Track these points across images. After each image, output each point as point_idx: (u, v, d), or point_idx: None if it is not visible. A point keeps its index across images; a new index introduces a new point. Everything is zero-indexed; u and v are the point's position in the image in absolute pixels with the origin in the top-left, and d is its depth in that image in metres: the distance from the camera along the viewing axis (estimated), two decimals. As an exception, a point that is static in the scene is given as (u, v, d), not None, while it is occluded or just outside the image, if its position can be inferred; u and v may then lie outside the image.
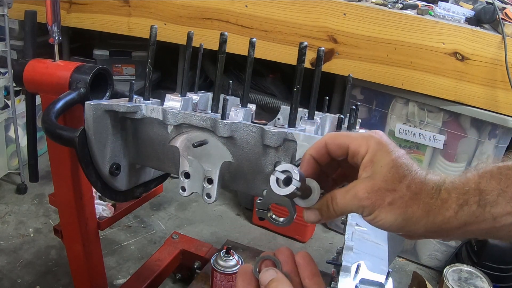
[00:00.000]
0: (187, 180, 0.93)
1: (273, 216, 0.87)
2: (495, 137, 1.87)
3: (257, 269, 0.60)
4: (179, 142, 0.93)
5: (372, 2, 1.91)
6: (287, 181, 0.53)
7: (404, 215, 0.52)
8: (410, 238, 0.59)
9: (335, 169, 0.63)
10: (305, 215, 0.60)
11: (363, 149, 0.55)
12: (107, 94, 1.14)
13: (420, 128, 1.99)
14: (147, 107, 0.94)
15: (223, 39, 0.92)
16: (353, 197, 0.54)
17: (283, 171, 0.53)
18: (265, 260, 0.61)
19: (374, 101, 2.09)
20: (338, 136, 0.58)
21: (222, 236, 2.20)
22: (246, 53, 0.91)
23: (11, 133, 2.32)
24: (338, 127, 0.83)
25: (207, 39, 1.54)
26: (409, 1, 1.93)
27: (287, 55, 2.01)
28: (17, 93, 2.28)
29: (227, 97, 0.88)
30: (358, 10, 1.86)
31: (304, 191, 0.57)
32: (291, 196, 0.54)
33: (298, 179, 0.52)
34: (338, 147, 0.57)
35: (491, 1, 1.85)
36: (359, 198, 0.53)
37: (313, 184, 0.58)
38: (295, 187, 0.52)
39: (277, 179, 0.53)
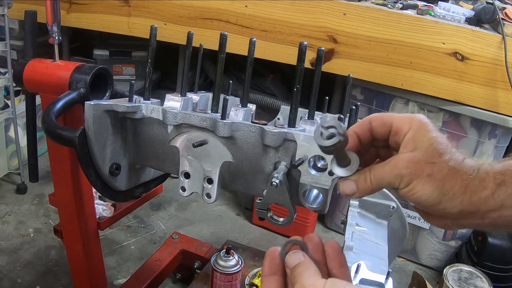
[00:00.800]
0: (187, 180, 0.93)
1: (273, 216, 0.87)
2: (495, 137, 1.87)
3: (285, 251, 0.58)
4: (179, 142, 0.93)
5: (372, 2, 1.91)
6: (331, 137, 0.52)
7: (442, 188, 0.52)
8: (444, 225, 0.58)
9: (368, 152, 0.63)
10: (341, 186, 0.59)
11: (406, 127, 0.56)
12: (107, 94, 1.14)
13: (420, 128, 1.98)
14: (147, 107, 0.94)
15: (223, 39, 0.92)
16: (392, 167, 0.55)
17: (328, 127, 0.53)
18: (293, 244, 0.58)
19: (374, 101, 2.09)
20: (382, 114, 0.59)
21: (222, 236, 2.20)
22: (246, 53, 0.91)
23: (11, 133, 2.32)
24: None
25: (207, 39, 1.54)
26: (409, 1, 1.93)
27: (287, 55, 2.01)
28: (17, 93, 2.28)
29: (227, 97, 0.88)
30: (358, 10, 1.86)
31: (343, 157, 0.57)
32: (332, 149, 0.52)
33: (342, 132, 0.52)
34: (382, 124, 0.58)
35: (491, 1, 1.85)
36: (398, 167, 0.54)
37: (353, 155, 0.58)
38: (338, 139, 0.51)
39: (321, 133, 0.53)
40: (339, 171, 0.59)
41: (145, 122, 0.97)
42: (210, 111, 0.98)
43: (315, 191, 0.83)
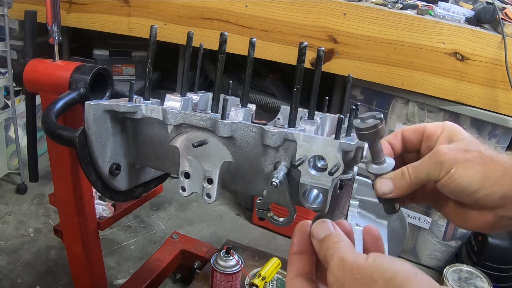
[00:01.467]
0: (187, 180, 0.93)
1: (273, 216, 0.87)
2: (495, 137, 1.87)
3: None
4: (179, 142, 0.93)
5: (372, 2, 1.91)
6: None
7: (483, 172, 0.52)
8: (484, 222, 0.55)
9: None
10: (377, 185, 0.58)
11: (439, 130, 0.58)
12: (107, 94, 1.14)
13: (420, 128, 1.98)
14: (147, 107, 0.94)
15: (223, 39, 0.92)
16: (431, 156, 0.54)
17: (367, 117, 0.55)
18: (324, 219, 0.50)
19: (374, 101, 2.09)
20: (413, 125, 0.61)
21: (222, 236, 2.20)
22: (246, 53, 0.91)
23: (11, 133, 2.32)
24: (338, 127, 0.83)
25: (207, 39, 1.54)
26: (409, 1, 1.93)
27: (287, 55, 2.01)
28: (17, 93, 2.28)
29: (227, 97, 0.88)
30: (358, 10, 1.86)
31: (378, 153, 0.57)
32: (373, 131, 0.53)
33: (380, 117, 0.53)
34: (414, 131, 0.59)
35: (491, 1, 1.85)
36: (437, 155, 0.54)
37: (388, 157, 0.59)
38: (378, 121, 0.53)
39: (360, 120, 0.55)
40: (374, 168, 0.58)
41: (145, 122, 0.97)
42: (210, 111, 0.98)
43: (315, 191, 0.83)
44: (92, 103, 0.93)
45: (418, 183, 0.55)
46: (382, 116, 0.54)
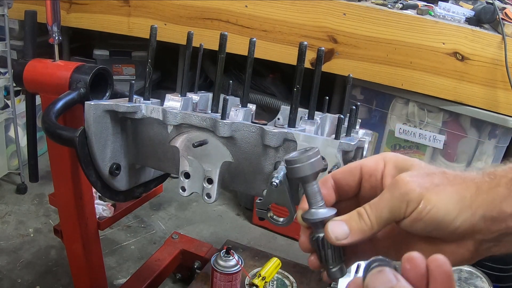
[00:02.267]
0: (187, 180, 0.93)
1: (273, 216, 0.87)
2: (495, 137, 1.87)
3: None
4: (179, 142, 0.93)
5: (372, 2, 1.91)
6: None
7: (456, 194, 0.43)
8: (464, 254, 0.45)
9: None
10: (329, 229, 0.46)
11: (380, 162, 0.48)
12: (107, 94, 1.14)
13: (420, 128, 1.99)
14: (147, 107, 0.94)
15: (223, 39, 0.92)
16: (391, 188, 0.44)
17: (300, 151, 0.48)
18: (379, 265, 0.39)
19: (374, 101, 2.09)
20: (344, 166, 0.50)
21: (222, 236, 2.20)
22: (246, 53, 0.91)
23: (11, 133, 2.32)
24: (338, 127, 0.83)
25: (207, 39, 1.54)
26: (409, 1, 1.93)
27: (287, 55, 2.01)
28: (17, 93, 2.28)
29: (227, 97, 0.88)
30: (358, 10, 1.86)
31: (314, 194, 0.48)
32: (303, 167, 0.46)
33: (317, 149, 0.46)
34: (348, 172, 0.49)
35: (491, 1, 1.85)
36: (399, 184, 0.44)
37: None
38: (310, 153, 0.46)
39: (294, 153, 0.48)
40: (314, 213, 0.47)
41: (145, 122, 0.98)
42: (210, 111, 0.98)
43: (315, 191, 0.83)
44: (92, 103, 0.93)
45: (379, 224, 0.45)
46: (318, 149, 0.46)
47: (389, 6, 1.88)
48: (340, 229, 0.45)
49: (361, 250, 0.50)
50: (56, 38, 1.14)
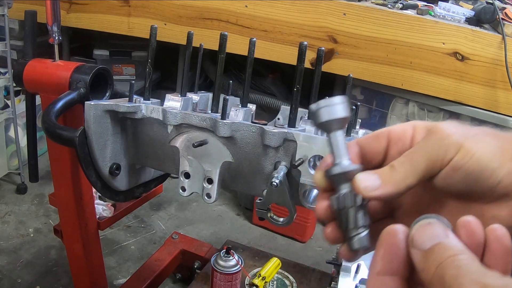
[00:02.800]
0: (187, 180, 0.93)
1: (273, 216, 0.87)
2: (495, 137, 1.87)
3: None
4: (179, 142, 0.93)
5: (372, 2, 1.91)
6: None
7: (498, 143, 0.38)
8: (503, 210, 0.38)
9: None
10: (358, 180, 0.40)
11: (409, 128, 0.43)
12: (107, 94, 1.14)
13: (420, 128, 1.99)
14: (147, 107, 0.94)
15: (223, 39, 0.92)
16: (429, 137, 0.39)
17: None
18: (429, 223, 0.34)
19: (374, 101, 2.09)
20: (369, 134, 0.45)
21: (222, 236, 2.20)
22: (246, 53, 0.91)
23: (11, 133, 2.32)
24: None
25: (207, 39, 1.54)
26: (409, 1, 1.93)
27: (287, 55, 2.01)
28: (17, 93, 2.28)
29: (227, 97, 0.88)
30: (358, 10, 1.86)
31: (341, 145, 0.42)
32: (331, 120, 0.41)
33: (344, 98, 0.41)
34: (375, 138, 0.43)
35: (491, 1, 1.85)
36: (438, 133, 0.39)
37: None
38: (336, 100, 0.41)
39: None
40: (345, 165, 0.41)
41: (145, 122, 0.97)
42: (210, 111, 0.98)
43: (315, 191, 0.83)
44: (92, 103, 0.93)
45: (414, 175, 0.39)
46: (345, 97, 0.42)
47: (389, 6, 1.88)
48: (370, 179, 0.40)
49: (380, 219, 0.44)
50: (56, 38, 1.14)
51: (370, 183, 0.39)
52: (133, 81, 0.99)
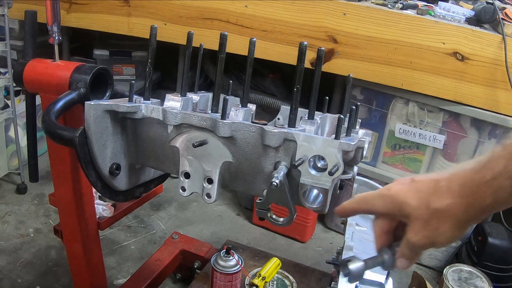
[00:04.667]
0: (187, 180, 0.93)
1: (273, 216, 0.87)
2: (495, 137, 1.87)
3: None
4: (179, 142, 0.93)
5: (372, 2, 1.91)
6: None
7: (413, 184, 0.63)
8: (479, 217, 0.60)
9: None
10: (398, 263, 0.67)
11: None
12: (107, 94, 1.14)
13: (420, 128, 1.99)
14: (147, 107, 0.94)
15: (223, 39, 0.92)
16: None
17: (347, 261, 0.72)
18: None
19: (374, 101, 2.09)
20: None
21: (222, 236, 2.20)
22: (246, 53, 0.91)
23: (11, 133, 2.32)
24: (338, 127, 0.83)
25: (207, 39, 1.53)
26: (409, 1, 1.93)
27: (287, 55, 2.01)
28: (17, 93, 2.28)
29: (227, 97, 0.88)
30: (358, 10, 1.86)
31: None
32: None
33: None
34: (391, 205, 0.65)
35: (491, 1, 1.85)
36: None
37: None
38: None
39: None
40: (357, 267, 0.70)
41: (145, 122, 0.98)
42: (210, 111, 0.98)
43: (315, 191, 0.83)
44: (92, 103, 0.93)
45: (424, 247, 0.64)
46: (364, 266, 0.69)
47: (389, 6, 1.88)
48: (403, 262, 0.67)
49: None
50: (56, 38, 1.15)
51: (404, 263, 0.67)
52: (133, 81, 0.99)
